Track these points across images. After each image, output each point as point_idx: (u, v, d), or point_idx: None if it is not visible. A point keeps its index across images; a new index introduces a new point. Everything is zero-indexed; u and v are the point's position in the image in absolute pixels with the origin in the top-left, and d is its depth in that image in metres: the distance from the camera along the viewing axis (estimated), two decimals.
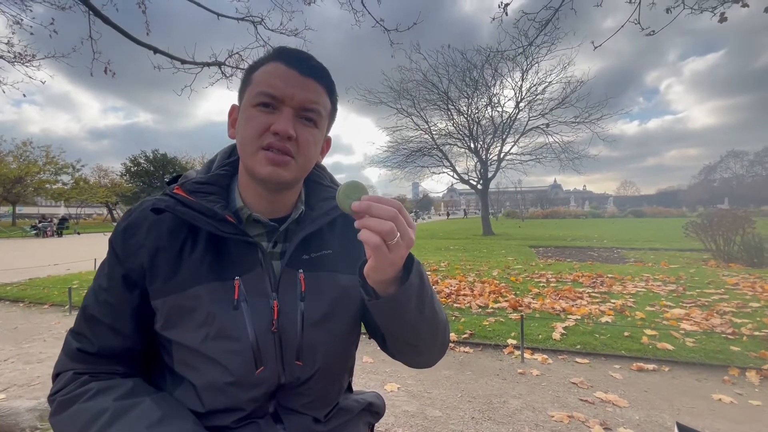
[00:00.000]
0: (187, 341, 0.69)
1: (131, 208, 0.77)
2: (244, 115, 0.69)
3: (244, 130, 0.69)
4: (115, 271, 0.72)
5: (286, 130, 0.66)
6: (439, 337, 0.74)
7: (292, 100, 0.67)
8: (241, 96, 0.72)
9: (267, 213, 0.77)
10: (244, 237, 0.71)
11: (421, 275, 0.64)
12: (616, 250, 11.40)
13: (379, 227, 0.54)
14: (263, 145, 0.67)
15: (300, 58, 0.68)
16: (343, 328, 0.79)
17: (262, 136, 0.68)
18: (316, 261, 0.79)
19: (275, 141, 0.67)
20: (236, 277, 0.71)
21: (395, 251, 0.56)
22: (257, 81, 0.68)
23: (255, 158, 0.68)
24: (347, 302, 0.79)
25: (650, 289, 5.45)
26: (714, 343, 3.42)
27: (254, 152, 0.68)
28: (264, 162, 0.68)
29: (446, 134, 20.13)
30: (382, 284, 0.62)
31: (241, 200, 0.77)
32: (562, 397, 2.69)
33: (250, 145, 0.68)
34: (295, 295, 0.74)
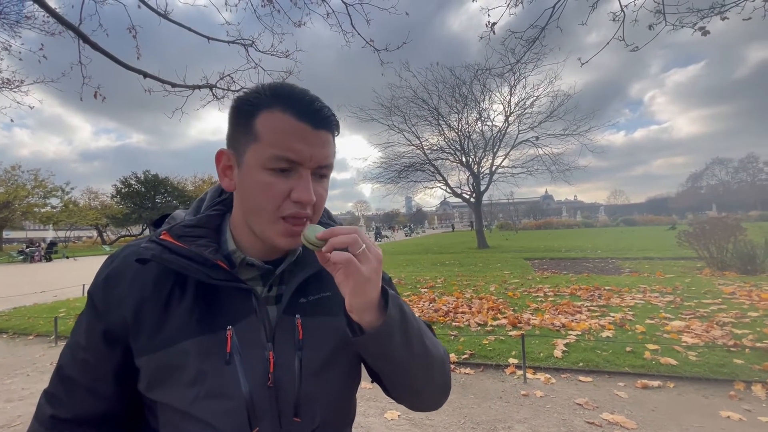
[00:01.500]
0: (175, 402, 0.63)
1: (112, 254, 0.71)
2: (256, 179, 0.63)
3: (258, 197, 0.64)
4: (94, 326, 0.66)
5: (311, 200, 0.63)
6: (437, 376, 0.70)
7: (310, 161, 0.62)
8: (236, 143, 0.65)
9: (262, 255, 0.72)
10: (237, 283, 0.66)
11: (401, 307, 0.63)
12: (611, 261, 11.42)
13: (344, 239, 0.56)
14: (283, 214, 0.63)
15: (311, 108, 0.62)
16: (344, 376, 0.74)
17: (282, 205, 0.63)
18: (315, 305, 0.73)
19: (298, 211, 0.63)
20: (228, 326, 0.66)
21: (365, 263, 0.56)
22: (268, 139, 0.61)
23: (273, 228, 0.64)
24: (348, 349, 0.74)
25: (648, 300, 5.42)
26: (717, 357, 3.38)
27: (272, 222, 0.64)
28: (284, 234, 0.64)
29: (438, 149, 20.33)
30: (365, 314, 0.60)
31: (233, 242, 0.72)
32: (568, 420, 2.61)
33: (267, 215, 0.64)
34: (292, 343, 0.69)
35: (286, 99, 0.62)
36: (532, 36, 4.39)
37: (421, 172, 20.49)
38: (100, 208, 45.52)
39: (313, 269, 0.72)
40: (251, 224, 0.67)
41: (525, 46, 4.67)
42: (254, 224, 0.66)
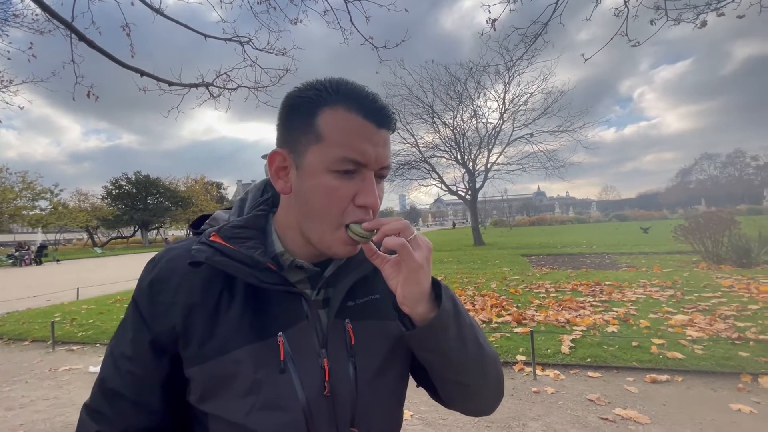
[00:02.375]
0: (229, 415, 0.59)
1: (154, 258, 0.67)
2: (320, 182, 0.59)
3: (322, 201, 0.60)
4: (141, 335, 0.62)
5: (377, 204, 0.60)
6: (491, 374, 0.68)
7: (375, 162, 0.59)
8: (293, 143, 0.61)
9: (310, 258, 0.69)
10: (288, 287, 0.63)
11: (454, 300, 0.62)
12: (607, 256, 11.52)
13: (395, 226, 0.56)
14: (347, 221, 0.60)
15: (375, 105, 0.59)
16: (396, 382, 0.71)
17: (347, 210, 0.60)
18: (363, 308, 0.70)
19: (362, 217, 0.60)
20: (279, 333, 0.62)
21: (417, 249, 0.57)
22: (333, 139, 0.58)
23: (335, 235, 0.61)
24: (399, 352, 0.71)
25: (649, 295, 5.47)
26: (722, 350, 3.40)
27: (335, 228, 0.61)
28: (345, 239, 0.61)
29: (433, 147, 20.34)
30: (417, 306, 0.59)
31: (280, 244, 0.68)
32: (581, 417, 2.61)
33: (329, 220, 0.61)
34: (345, 349, 0.66)
35: (350, 96, 0.58)
36: (534, 32, 4.38)
37: (417, 170, 20.49)
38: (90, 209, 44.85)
39: (361, 272, 0.69)
40: (308, 230, 0.63)
41: (526, 43, 4.65)
42: (312, 230, 0.62)
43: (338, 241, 0.61)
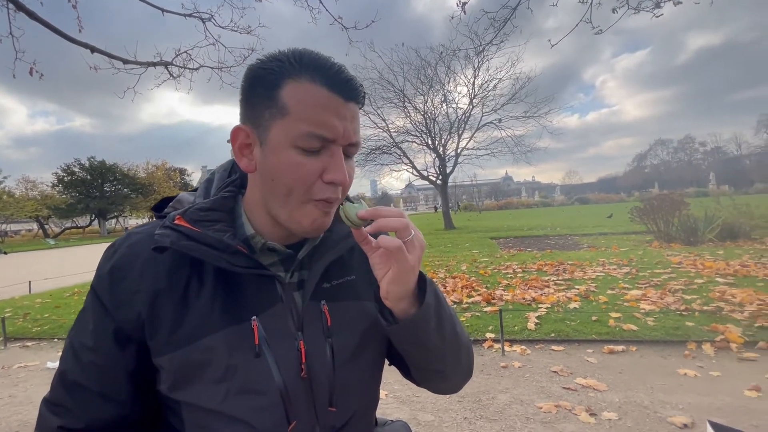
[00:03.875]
0: (204, 402, 0.58)
1: (113, 244, 0.63)
2: (285, 158, 0.56)
3: (287, 179, 0.57)
4: (103, 325, 0.59)
5: (346, 180, 0.58)
6: (464, 360, 0.71)
7: (342, 138, 0.57)
8: (256, 118, 0.58)
9: (282, 240, 0.67)
10: (260, 270, 0.61)
11: (437, 294, 0.62)
12: (570, 237, 12.08)
13: (393, 224, 0.54)
14: (315, 197, 0.59)
15: (340, 77, 0.56)
16: (373, 361, 0.72)
17: (313, 186, 0.58)
18: (339, 290, 0.70)
19: (330, 194, 0.59)
20: (253, 317, 0.61)
21: (412, 251, 0.55)
22: (299, 114, 0.55)
23: (301, 211, 0.59)
24: (376, 332, 0.72)
25: (608, 273, 5.80)
26: (671, 321, 3.68)
27: (301, 204, 0.59)
28: (314, 219, 0.60)
29: (404, 131, 20.31)
30: (400, 302, 0.59)
31: (250, 227, 0.66)
32: (546, 387, 2.77)
33: (296, 198, 0.59)
34: (322, 331, 0.65)
35: (314, 67, 0.56)
36: (503, 16, 4.41)
37: (388, 155, 20.43)
38: (40, 198, 41.68)
39: (336, 253, 0.68)
40: (275, 209, 0.61)
41: (496, 27, 4.68)
42: (279, 209, 0.61)
43: (306, 219, 0.60)
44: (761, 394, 2.45)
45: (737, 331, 3.30)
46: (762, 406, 2.34)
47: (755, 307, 3.75)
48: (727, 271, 5.24)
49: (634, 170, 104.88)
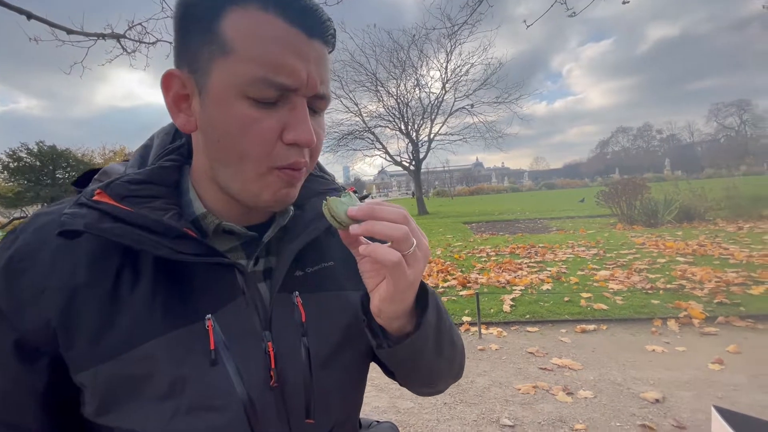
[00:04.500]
0: (143, 426, 0.45)
1: (13, 230, 0.48)
2: (232, 112, 0.43)
3: (236, 140, 0.44)
4: (0, 336, 0.44)
5: (312, 140, 0.46)
6: (456, 367, 0.64)
7: (305, 85, 0.44)
8: (192, 58, 0.44)
9: (241, 219, 0.55)
10: (214, 257, 0.48)
11: (438, 307, 0.54)
12: (540, 221, 12.43)
13: (392, 232, 0.42)
14: (276, 164, 0.46)
15: (302, 4, 0.43)
16: (358, 362, 0.61)
17: (273, 150, 0.45)
18: (315, 278, 0.58)
19: (296, 159, 0.46)
20: (207, 315, 0.48)
21: (414, 265, 0.44)
22: (246, 51, 0.41)
23: (259, 183, 0.47)
24: (360, 327, 0.61)
25: (577, 254, 5.97)
26: (638, 299, 3.82)
27: (259, 175, 0.46)
28: (274, 188, 0.47)
29: (377, 116, 20.07)
30: (395, 321, 0.50)
31: (201, 204, 0.53)
32: (523, 369, 2.78)
33: (251, 166, 0.45)
34: (294, 328, 0.53)
35: None
36: None
37: (361, 140, 20.19)
38: None
39: (310, 235, 0.56)
40: (225, 179, 0.48)
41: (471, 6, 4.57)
42: (231, 179, 0.48)
43: (267, 189, 0.47)
44: (724, 367, 2.56)
45: (699, 307, 3.46)
46: (725, 378, 2.44)
47: (713, 285, 3.95)
48: (686, 250, 5.51)
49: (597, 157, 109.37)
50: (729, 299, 3.57)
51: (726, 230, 7.08)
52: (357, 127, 19.82)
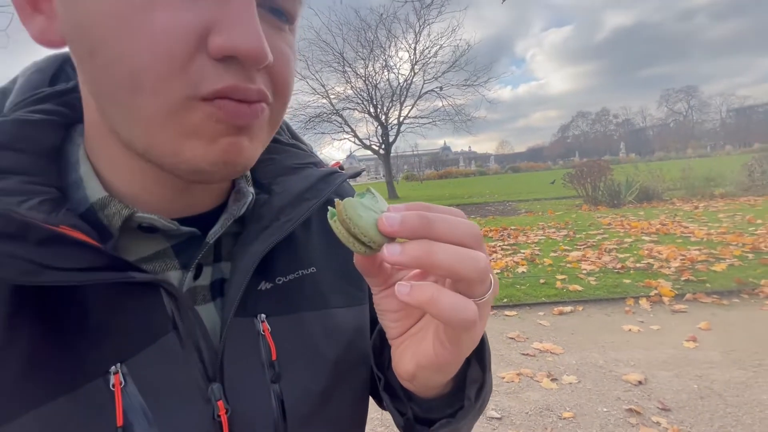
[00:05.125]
0: None
1: None
2: (115, 4, 0.24)
3: (121, 48, 0.25)
4: None
5: (261, 49, 0.26)
6: None
7: None
8: None
9: (172, 207, 0.35)
10: (117, 273, 0.29)
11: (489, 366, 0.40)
12: (508, 204, 12.64)
13: (464, 266, 0.25)
14: (200, 91, 0.26)
15: None
16: (353, 407, 0.44)
17: (192, 65, 0.25)
18: (290, 292, 0.40)
19: (235, 82, 0.27)
20: (113, 366, 0.30)
21: (484, 317, 0.30)
22: None
23: (177, 127, 0.27)
24: (355, 358, 0.43)
25: (548, 236, 6.05)
26: (610, 279, 3.87)
27: (172, 112, 0.26)
28: (209, 135, 0.27)
29: (345, 98, 19.51)
30: (430, 390, 0.36)
31: (98, 183, 0.33)
32: (505, 355, 2.72)
33: (153, 94, 0.26)
34: (259, 372, 0.36)
35: None
36: None
37: (329, 123, 19.63)
38: None
39: (280, 231, 0.37)
40: (120, 128, 0.28)
41: None
42: (126, 125, 0.28)
43: (191, 138, 0.27)
44: (698, 344, 2.60)
45: (668, 285, 3.54)
46: (700, 355, 2.48)
47: (679, 263, 4.07)
48: (650, 230, 5.70)
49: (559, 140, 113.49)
50: (695, 276, 3.69)
51: (683, 209, 7.44)
52: (324, 109, 19.24)
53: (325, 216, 0.48)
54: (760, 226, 5.21)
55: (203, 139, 0.27)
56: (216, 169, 0.29)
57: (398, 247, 0.25)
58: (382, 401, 0.48)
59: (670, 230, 5.55)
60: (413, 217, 0.26)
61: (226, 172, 0.30)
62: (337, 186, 0.43)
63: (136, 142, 0.28)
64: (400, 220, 0.25)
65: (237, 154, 0.29)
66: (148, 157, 0.28)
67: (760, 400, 2.00)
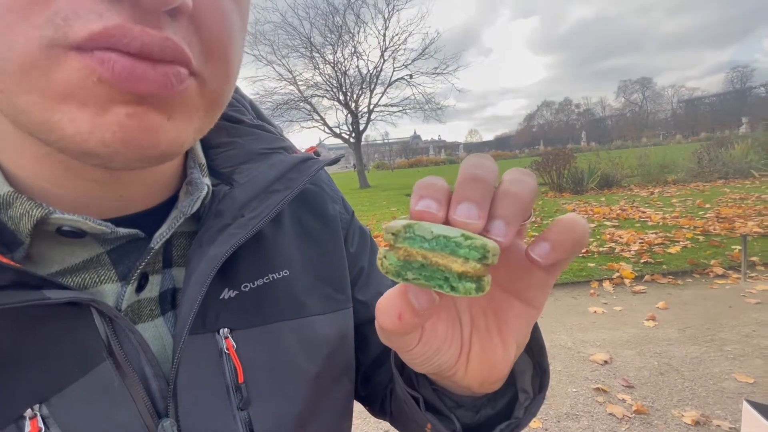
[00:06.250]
0: None
1: None
2: None
3: None
4: None
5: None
6: None
7: None
8: None
9: (102, 206, 0.28)
10: (31, 291, 0.23)
11: None
12: None
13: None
14: (71, 37, 0.18)
15: None
16: (333, 424, 0.40)
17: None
18: (259, 300, 0.35)
19: (121, 21, 0.19)
20: (26, 410, 0.23)
21: None
22: None
23: (44, 88, 0.19)
24: (338, 370, 0.39)
25: None
26: (576, 263, 4.01)
27: (33, 63, 0.18)
28: (96, 103, 0.20)
29: (313, 85, 19.03)
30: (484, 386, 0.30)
31: (2, 178, 0.25)
32: None
33: (7, 37, 0.18)
34: (222, 397, 0.30)
35: None
36: None
37: (297, 110, 19.12)
38: None
39: (245, 230, 0.32)
40: (8, 100, 0.20)
41: None
42: (7, 92, 0.20)
43: (63, 104, 0.19)
44: (657, 323, 2.75)
45: (628, 267, 3.71)
46: (659, 333, 2.62)
47: (638, 246, 4.28)
48: (611, 215, 5.96)
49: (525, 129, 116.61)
50: (653, 259, 3.89)
51: (640, 195, 7.85)
52: (292, 96, 18.70)
53: (299, 210, 0.42)
54: (709, 210, 5.58)
55: (88, 107, 0.20)
56: (113, 151, 0.21)
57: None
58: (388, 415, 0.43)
59: (629, 215, 5.84)
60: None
61: (133, 157, 0.22)
62: (312, 175, 0.37)
63: (8, 113, 0.20)
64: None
65: (144, 134, 0.21)
66: (27, 131, 0.21)
67: (712, 373, 2.13)
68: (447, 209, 0.19)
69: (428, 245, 0.18)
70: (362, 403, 0.48)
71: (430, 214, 0.19)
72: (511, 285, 0.26)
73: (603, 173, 9.59)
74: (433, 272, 0.18)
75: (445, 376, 0.27)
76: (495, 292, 0.26)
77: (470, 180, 0.20)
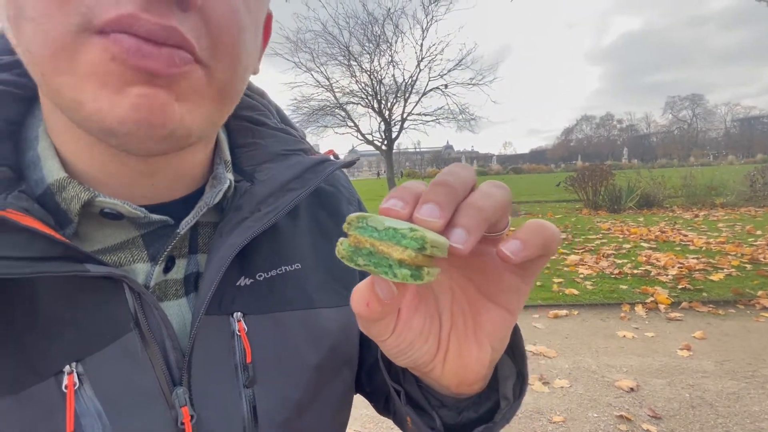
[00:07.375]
0: None
1: None
2: None
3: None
4: None
5: None
6: None
7: None
8: None
9: (139, 194, 0.33)
10: (75, 264, 0.27)
11: None
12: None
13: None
14: (95, 23, 0.23)
15: None
16: (333, 413, 0.42)
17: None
18: (271, 289, 0.38)
19: (131, 9, 0.22)
20: (67, 365, 0.28)
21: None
22: None
23: (73, 67, 0.23)
24: (340, 361, 0.42)
25: None
26: (607, 284, 3.86)
27: (64, 45, 0.23)
28: (115, 84, 0.24)
29: (349, 93, 19.43)
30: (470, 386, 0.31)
31: (57, 163, 0.30)
32: None
33: (45, 24, 0.23)
34: (230, 375, 0.34)
35: None
36: None
37: (332, 116, 19.57)
38: None
39: (262, 222, 0.35)
40: (41, 81, 0.25)
41: None
42: (31, 69, 0.25)
43: (87, 82, 0.23)
44: (691, 353, 2.59)
45: (664, 293, 3.52)
46: (693, 364, 2.47)
47: (677, 270, 4.05)
48: (649, 236, 5.68)
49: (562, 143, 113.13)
50: (692, 285, 3.67)
51: (683, 217, 7.41)
52: (328, 102, 19.17)
53: (316, 209, 0.46)
54: (760, 237, 5.19)
55: (108, 88, 0.23)
56: (128, 129, 0.24)
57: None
58: (391, 413, 0.45)
59: (669, 238, 5.53)
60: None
61: (145, 136, 0.25)
62: (327, 175, 0.40)
63: (49, 85, 0.24)
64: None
65: (155, 113, 0.24)
66: (63, 112, 0.25)
67: (751, 411, 1.99)
68: (413, 209, 0.22)
69: (377, 235, 0.20)
70: (368, 399, 0.51)
71: (394, 211, 0.21)
72: (485, 288, 0.28)
73: (643, 192, 9.14)
74: (380, 259, 0.19)
75: (423, 372, 0.29)
76: (472, 294, 0.28)
77: (439, 185, 0.22)
